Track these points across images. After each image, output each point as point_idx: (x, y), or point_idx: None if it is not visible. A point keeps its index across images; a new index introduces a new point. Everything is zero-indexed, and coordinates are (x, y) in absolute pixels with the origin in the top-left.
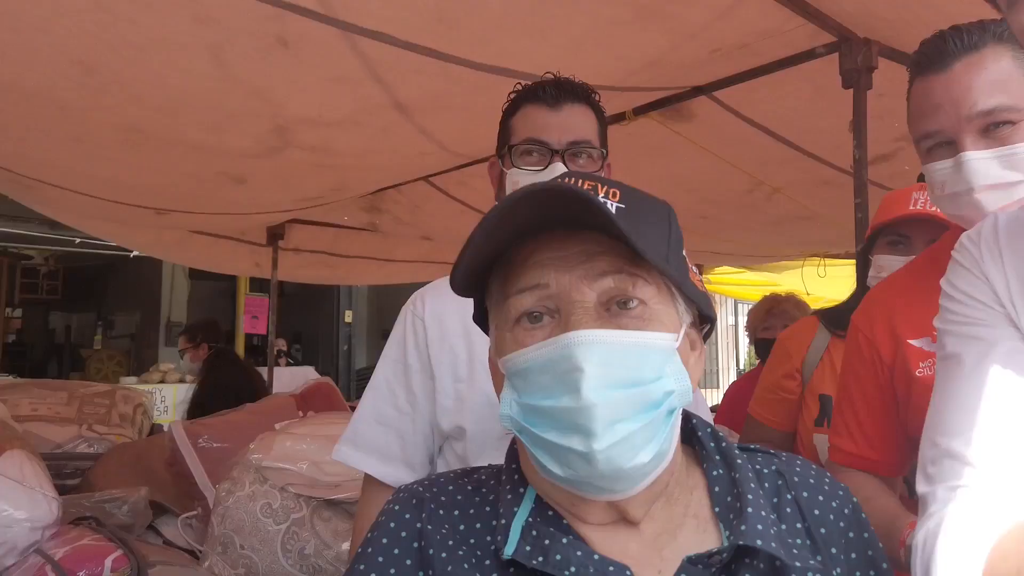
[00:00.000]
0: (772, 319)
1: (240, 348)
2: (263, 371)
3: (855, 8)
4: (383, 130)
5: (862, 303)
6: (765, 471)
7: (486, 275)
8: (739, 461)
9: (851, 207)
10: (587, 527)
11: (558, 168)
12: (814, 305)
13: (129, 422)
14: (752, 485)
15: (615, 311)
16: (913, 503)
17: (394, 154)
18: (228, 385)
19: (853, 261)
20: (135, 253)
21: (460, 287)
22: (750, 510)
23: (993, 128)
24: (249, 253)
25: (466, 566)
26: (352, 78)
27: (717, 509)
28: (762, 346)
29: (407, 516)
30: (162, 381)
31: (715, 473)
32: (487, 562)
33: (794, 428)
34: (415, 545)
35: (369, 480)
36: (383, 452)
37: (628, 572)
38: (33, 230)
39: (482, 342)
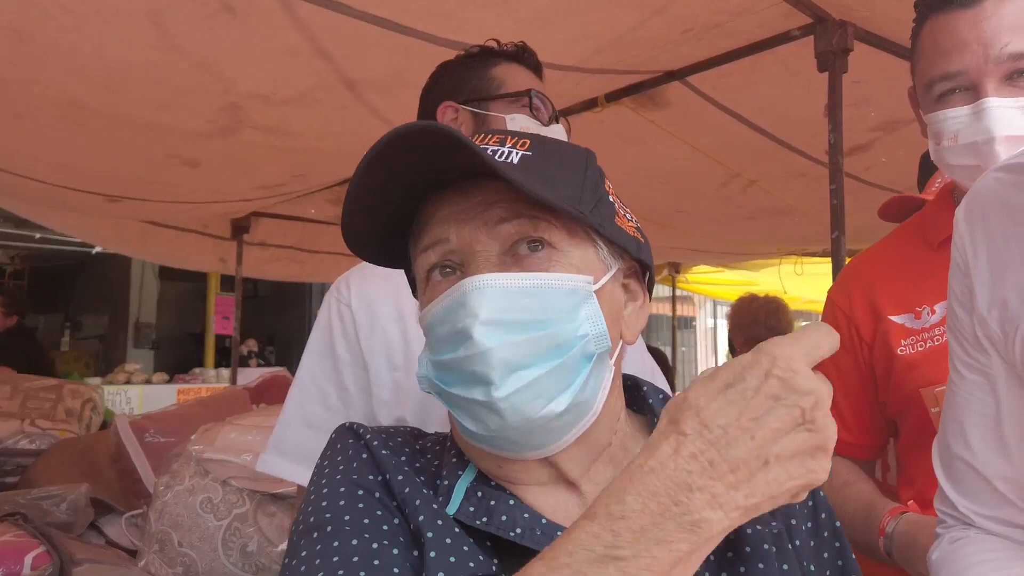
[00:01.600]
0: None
1: (211, 350)
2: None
3: None
4: (340, 109)
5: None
6: None
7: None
8: None
9: (827, 201)
10: (528, 492)
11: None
12: (792, 304)
13: (76, 417)
14: None
15: (520, 255)
16: (890, 488)
17: (353, 137)
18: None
19: (830, 259)
20: (98, 249)
21: (374, 255)
22: None
23: (1017, 76)
24: (213, 247)
25: (424, 490)
26: (305, 51)
27: None
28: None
29: (350, 440)
30: (128, 382)
31: None
32: (433, 506)
33: None
34: (364, 456)
35: (302, 492)
36: (315, 459)
37: None
38: None
39: (417, 325)
